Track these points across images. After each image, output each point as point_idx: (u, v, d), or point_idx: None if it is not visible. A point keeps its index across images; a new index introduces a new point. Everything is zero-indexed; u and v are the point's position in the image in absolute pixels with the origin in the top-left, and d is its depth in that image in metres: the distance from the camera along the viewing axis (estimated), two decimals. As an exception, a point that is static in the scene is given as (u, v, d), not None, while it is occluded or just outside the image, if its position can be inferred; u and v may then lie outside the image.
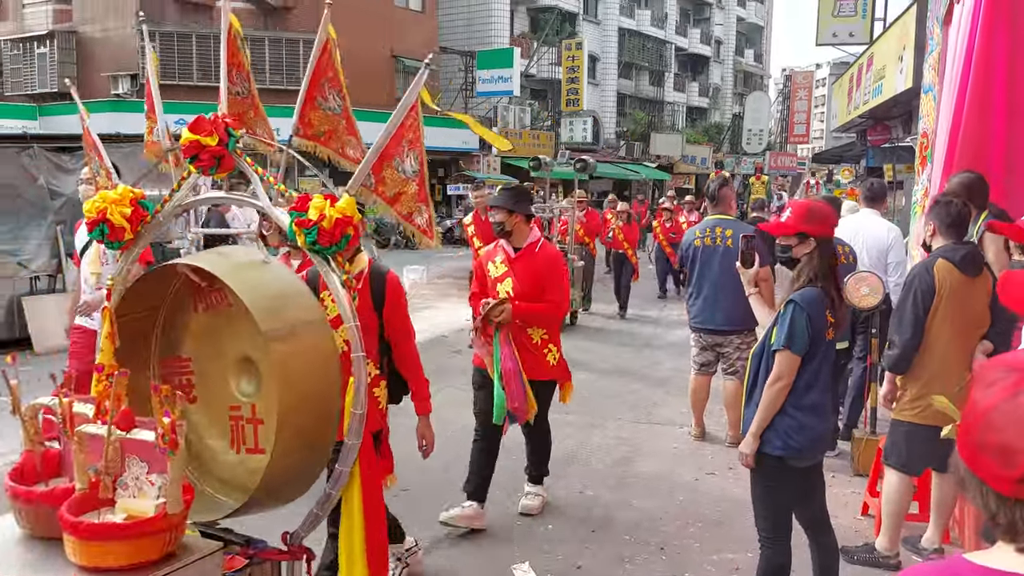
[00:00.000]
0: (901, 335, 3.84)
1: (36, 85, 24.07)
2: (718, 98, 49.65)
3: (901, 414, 3.96)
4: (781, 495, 3.26)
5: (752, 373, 3.29)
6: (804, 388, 3.15)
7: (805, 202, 3.44)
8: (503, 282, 4.42)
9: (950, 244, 3.85)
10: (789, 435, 3.14)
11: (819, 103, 68.42)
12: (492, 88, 27.27)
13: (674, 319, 11.67)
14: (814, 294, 3.13)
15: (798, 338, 3.10)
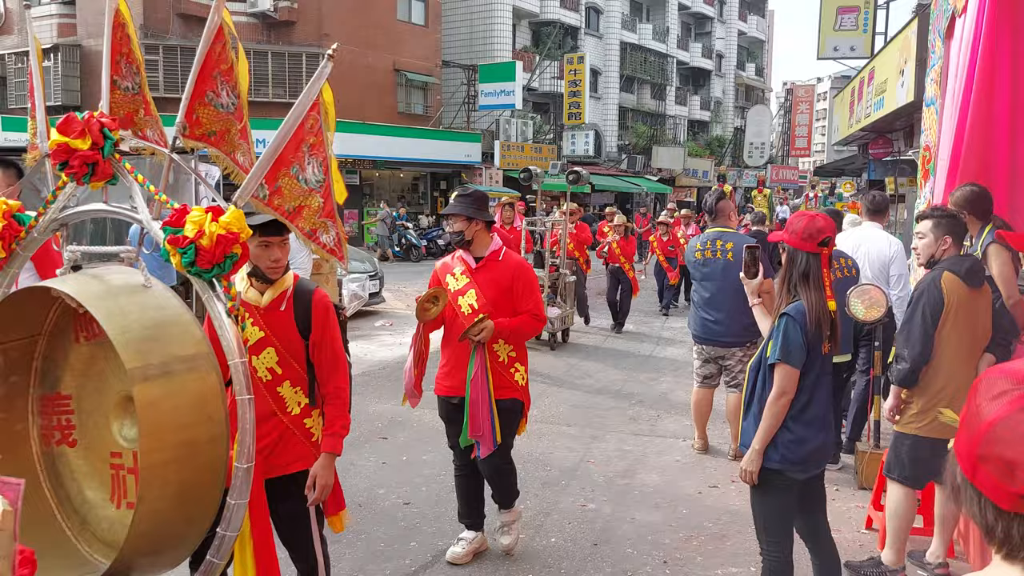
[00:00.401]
0: (911, 350, 3.82)
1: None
2: (720, 111, 49.77)
3: (906, 427, 3.94)
4: (781, 507, 3.25)
5: (749, 385, 3.29)
6: (801, 401, 3.16)
7: (794, 214, 3.45)
8: (465, 295, 4.06)
9: (954, 256, 3.84)
10: (787, 448, 3.15)
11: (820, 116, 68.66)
12: (494, 101, 27.37)
13: (674, 333, 11.66)
14: (804, 307, 3.14)
15: (794, 351, 3.10)
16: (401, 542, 4.45)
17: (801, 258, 3.20)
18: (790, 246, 3.23)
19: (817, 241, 3.17)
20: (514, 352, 4.12)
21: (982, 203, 4.11)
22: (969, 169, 4.29)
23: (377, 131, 24.16)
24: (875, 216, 6.06)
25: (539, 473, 5.61)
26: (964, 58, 4.36)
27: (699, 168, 42.50)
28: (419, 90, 27.95)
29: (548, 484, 5.42)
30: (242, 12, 23.26)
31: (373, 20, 24.96)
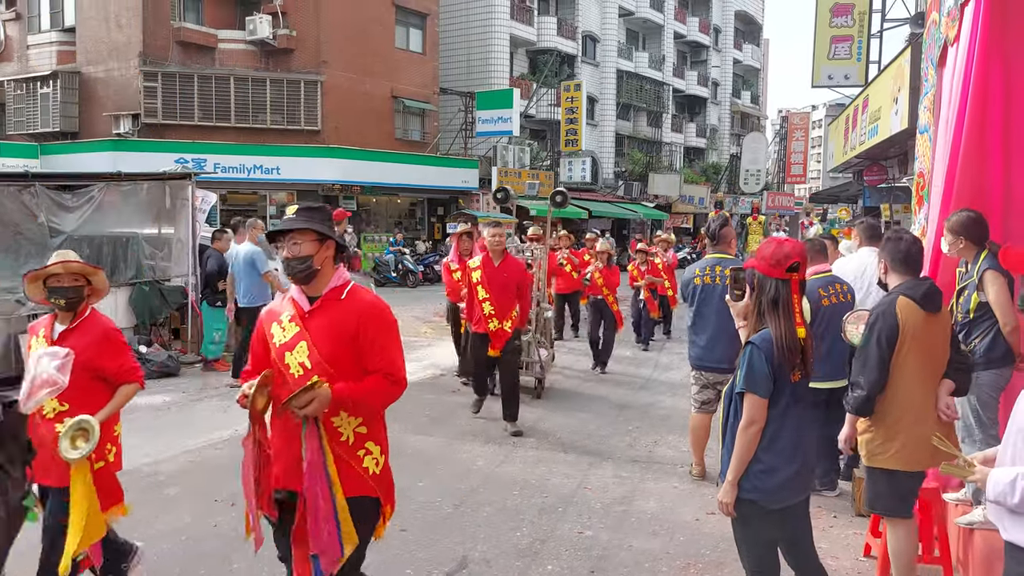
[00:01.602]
0: (866, 376, 3.73)
1: (39, 125, 24.28)
2: (715, 139, 50.09)
3: (875, 461, 3.84)
4: (761, 537, 3.22)
5: (724, 414, 3.26)
6: (771, 430, 3.11)
7: (764, 240, 3.42)
8: (293, 350, 2.98)
9: (909, 280, 3.79)
10: (758, 478, 3.11)
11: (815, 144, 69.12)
12: (491, 128, 27.53)
13: (672, 358, 11.63)
14: (771, 335, 3.11)
15: (759, 380, 3.07)
16: (396, 569, 4.40)
17: (770, 285, 3.16)
18: (759, 272, 3.21)
19: (785, 267, 3.14)
20: (364, 428, 3.02)
21: (978, 228, 4.11)
22: (963, 195, 4.31)
23: (375, 157, 24.25)
24: (873, 241, 6.07)
25: (536, 499, 5.57)
26: (957, 86, 4.40)
27: (695, 195, 42.68)
28: (416, 116, 28.10)
29: (545, 511, 5.37)
30: (241, 40, 23.45)
31: (371, 48, 25.15)
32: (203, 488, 5.70)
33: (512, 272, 7.43)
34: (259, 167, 22.69)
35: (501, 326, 7.28)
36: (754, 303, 3.21)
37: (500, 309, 7.30)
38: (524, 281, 7.54)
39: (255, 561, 4.42)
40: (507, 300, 7.34)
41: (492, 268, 7.38)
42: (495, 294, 7.30)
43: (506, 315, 7.31)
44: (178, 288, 10.85)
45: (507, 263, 7.44)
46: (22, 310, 9.16)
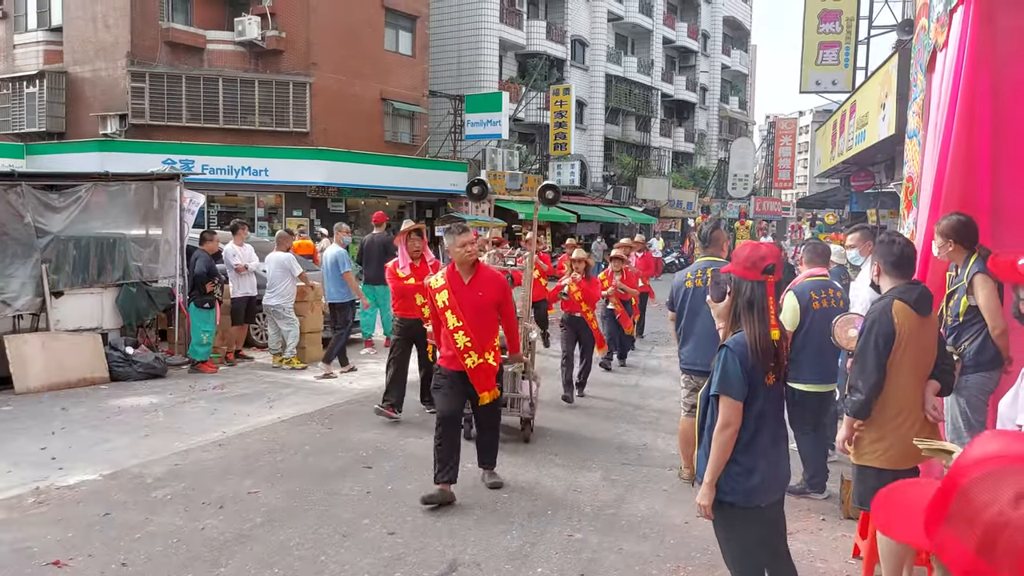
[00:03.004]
0: (865, 380, 3.76)
1: (25, 124, 24.11)
2: (704, 144, 50.31)
3: (864, 459, 3.88)
4: (743, 538, 3.24)
5: (700, 416, 3.28)
6: (748, 432, 3.14)
7: (740, 244, 3.45)
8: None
9: (903, 284, 3.81)
10: (736, 480, 3.13)
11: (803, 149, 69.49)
12: (480, 131, 27.54)
13: (660, 362, 11.65)
14: (746, 339, 3.13)
15: (733, 383, 3.09)
16: (385, 572, 4.39)
17: (745, 287, 3.19)
18: (735, 275, 3.23)
19: (760, 269, 3.17)
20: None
21: (968, 232, 4.14)
22: (952, 200, 4.34)
23: (364, 159, 24.19)
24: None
25: (525, 502, 5.56)
26: (946, 91, 4.43)
27: (683, 199, 42.85)
28: (406, 119, 28.07)
29: (534, 514, 5.36)
30: (230, 41, 23.35)
31: (361, 50, 25.11)
32: (191, 491, 5.66)
33: (489, 288, 5.67)
34: (247, 168, 22.59)
35: (484, 360, 5.59)
36: (730, 305, 3.23)
37: (479, 338, 5.55)
38: (506, 296, 5.77)
39: (243, 564, 4.41)
40: (487, 325, 5.63)
41: (462, 287, 5.61)
42: (470, 319, 5.54)
43: (488, 344, 5.62)
44: (165, 289, 10.78)
45: (481, 278, 5.68)
46: (8, 311, 9.09)
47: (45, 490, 5.63)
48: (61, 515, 5.15)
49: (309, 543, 4.72)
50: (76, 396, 8.68)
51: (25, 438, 6.99)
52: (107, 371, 9.52)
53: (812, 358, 5.53)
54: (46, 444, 6.79)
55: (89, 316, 9.95)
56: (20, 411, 8.00)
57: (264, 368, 10.59)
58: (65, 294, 9.68)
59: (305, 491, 5.66)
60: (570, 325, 8.97)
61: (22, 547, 4.61)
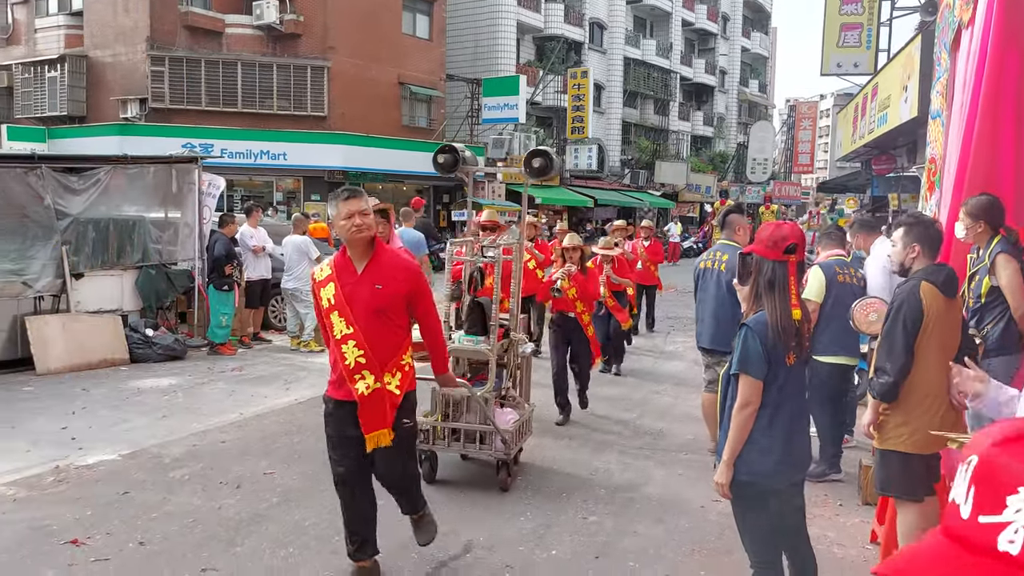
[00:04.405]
0: (893, 362, 3.72)
1: (46, 108, 24.29)
2: (723, 127, 49.90)
3: (888, 443, 3.83)
4: (761, 520, 3.21)
5: (721, 395, 3.26)
6: (768, 412, 3.12)
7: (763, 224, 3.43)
8: None
9: (930, 266, 3.77)
10: (755, 460, 3.11)
11: (823, 133, 68.83)
12: (497, 115, 27.43)
13: (677, 346, 11.60)
14: (766, 318, 3.11)
15: (753, 362, 3.08)
16: (401, 553, 4.40)
17: (767, 267, 3.17)
18: (756, 255, 3.21)
19: (782, 249, 3.15)
20: None
21: (997, 213, 4.07)
22: (976, 181, 4.27)
23: (381, 144, 24.19)
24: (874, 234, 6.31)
25: (540, 486, 5.56)
26: (971, 70, 4.34)
27: (702, 183, 42.57)
28: (423, 103, 28.02)
29: (549, 498, 5.36)
30: (248, 24, 23.37)
31: (378, 34, 25.05)
32: (209, 471, 5.70)
33: (392, 279, 3.90)
34: (266, 152, 22.67)
35: (382, 384, 3.84)
36: (752, 285, 3.21)
37: (377, 352, 3.84)
38: (419, 289, 3.99)
39: (259, 544, 4.44)
40: (388, 333, 3.89)
41: (353, 278, 3.89)
42: (364, 323, 3.83)
43: (390, 361, 3.89)
44: (184, 272, 10.85)
45: (380, 264, 3.91)
46: (29, 292, 9.18)
47: (64, 469, 5.69)
48: (80, 494, 5.20)
49: (324, 523, 4.74)
50: (96, 377, 8.77)
51: (45, 418, 7.07)
52: (127, 352, 9.60)
53: (836, 331, 5.56)
54: (66, 424, 6.87)
55: (109, 298, 10.03)
56: (41, 391, 8.09)
57: (282, 351, 10.66)
58: (85, 276, 9.77)
59: (320, 472, 5.68)
60: (561, 328, 7.34)
61: (41, 525, 4.66)
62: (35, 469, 5.67)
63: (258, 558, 4.28)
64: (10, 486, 5.32)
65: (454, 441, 5.51)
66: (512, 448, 5.45)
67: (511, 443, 5.42)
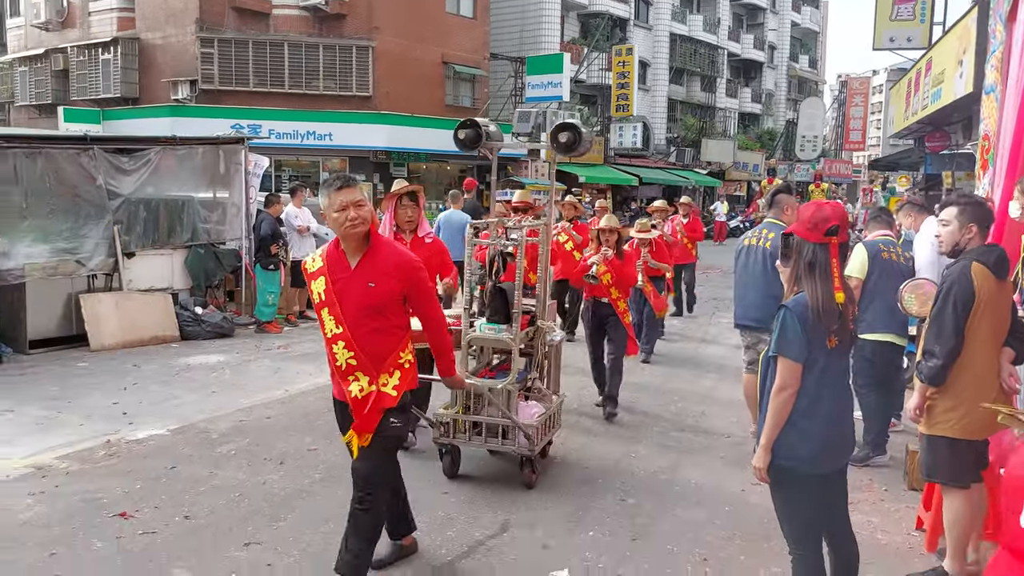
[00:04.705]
0: (943, 345, 3.63)
1: (101, 90, 24.78)
2: (771, 104, 48.93)
3: (935, 428, 3.76)
4: (800, 506, 3.17)
5: (761, 377, 3.21)
6: (808, 396, 3.05)
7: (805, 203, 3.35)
8: None
9: (981, 247, 3.68)
10: (794, 444, 3.06)
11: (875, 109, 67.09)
12: (541, 94, 27.22)
13: (720, 329, 11.48)
14: (807, 299, 3.05)
15: (792, 344, 3.02)
16: (437, 531, 4.45)
17: (807, 249, 3.10)
18: (797, 236, 3.14)
19: (823, 231, 3.07)
20: None
21: None
22: (1032, 159, 4.12)
23: (425, 123, 24.22)
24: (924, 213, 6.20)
25: (577, 468, 5.56)
26: (1028, 43, 4.18)
27: (749, 161, 41.85)
28: (467, 82, 27.96)
29: (587, 479, 5.36)
30: (294, 5, 23.52)
31: (422, 13, 25.02)
32: (254, 447, 5.82)
33: (386, 276, 3.59)
34: (312, 133, 22.88)
35: (377, 388, 3.58)
36: (792, 267, 3.15)
37: (369, 353, 3.57)
38: (418, 287, 3.69)
39: (302, 519, 4.53)
40: (382, 333, 3.61)
41: (345, 273, 3.60)
42: (354, 323, 3.56)
43: (384, 364, 3.61)
44: (232, 251, 11.04)
45: (375, 259, 3.60)
46: (82, 271, 9.42)
47: (116, 443, 5.86)
48: (130, 467, 5.36)
49: (365, 500, 4.80)
50: (148, 353, 8.99)
51: (99, 393, 7.27)
52: (177, 330, 9.83)
53: (881, 308, 5.46)
54: (118, 399, 7.06)
55: (160, 276, 10.26)
56: (95, 367, 8.32)
57: (326, 329, 10.80)
58: (137, 255, 9.99)
59: (363, 450, 5.76)
60: (595, 315, 6.96)
61: (92, 498, 4.81)
62: (88, 443, 5.85)
63: (300, 533, 4.37)
64: (64, 459, 5.50)
65: (476, 435, 5.19)
66: (536, 444, 5.12)
67: (534, 438, 5.08)
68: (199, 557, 4.05)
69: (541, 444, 5.27)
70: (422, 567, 4.03)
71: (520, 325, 5.08)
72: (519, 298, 5.02)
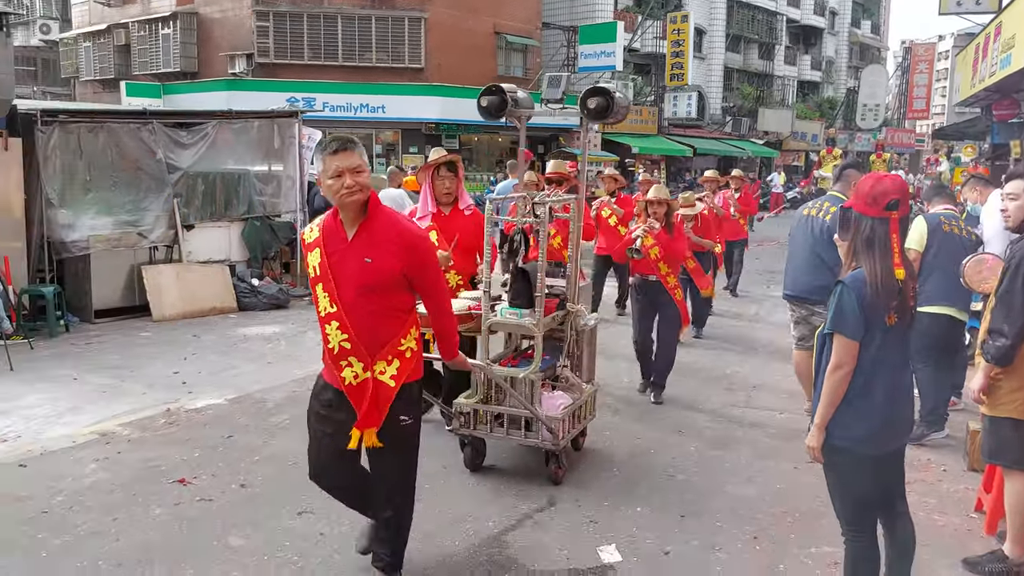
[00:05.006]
0: (1011, 324, 3.51)
1: (161, 65, 25.23)
2: (831, 72, 47.51)
3: (999, 410, 3.65)
4: (855, 486, 3.09)
5: (816, 355, 3.13)
6: (864, 374, 2.96)
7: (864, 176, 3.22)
8: None
9: None
10: (849, 424, 2.98)
11: (941, 76, 64.78)
12: (594, 63, 26.86)
13: (776, 302, 11.28)
14: (864, 275, 2.95)
15: (849, 321, 2.92)
16: (486, 501, 4.49)
17: (865, 224, 2.99)
18: (855, 211, 3.03)
19: (883, 205, 2.95)
20: None
21: None
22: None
23: (477, 95, 24.03)
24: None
25: (626, 443, 5.54)
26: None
27: (808, 131, 40.82)
28: (519, 53, 27.73)
29: (636, 454, 5.35)
30: (347, -23, 23.55)
31: (474, -18, 24.84)
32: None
33: (385, 251, 3.22)
34: (365, 106, 22.99)
35: (373, 374, 3.25)
36: (850, 242, 3.05)
37: (365, 337, 3.23)
38: (423, 264, 3.31)
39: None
40: (381, 315, 3.25)
41: (342, 245, 3.27)
42: (349, 303, 3.22)
43: (382, 348, 3.25)
44: (287, 223, 11.22)
45: (373, 231, 3.26)
46: (144, 242, 9.67)
47: (175, 412, 6.04)
48: (188, 436, 5.52)
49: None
50: (207, 324, 9.22)
51: (160, 362, 7.49)
52: (235, 301, 10.06)
53: (939, 281, 5.29)
54: (178, 368, 7.26)
55: (218, 248, 10.50)
56: (157, 337, 8.57)
57: (379, 301, 10.93)
58: (195, 227, 10.22)
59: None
60: (644, 293, 6.52)
61: (152, 465, 4.97)
62: (149, 411, 6.04)
63: (352, 503, 4.45)
64: (126, 427, 5.69)
65: (498, 426, 4.82)
66: (560, 438, 4.72)
67: (558, 432, 4.69)
68: (254, 525, 4.16)
69: (568, 438, 4.88)
70: (469, 536, 4.07)
71: (545, 309, 4.68)
72: (542, 279, 4.58)
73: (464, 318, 4.61)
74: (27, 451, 5.19)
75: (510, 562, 3.85)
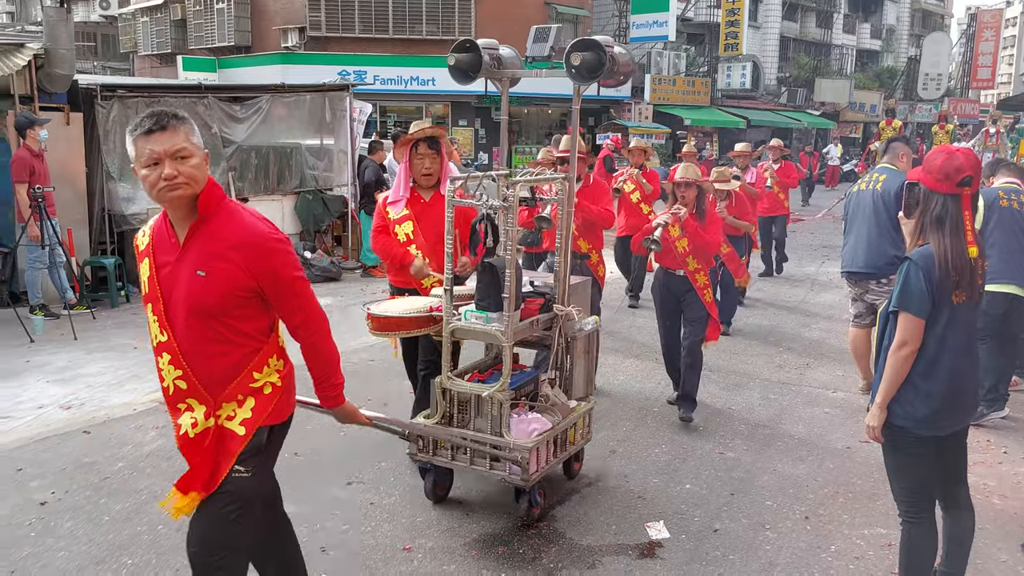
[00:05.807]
0: None
1: (216, 39, 25.56)
2: (892, 40, 45.98)
3: None
4: (914, 468, 3.03)
5: (879, 333, 3.06)
6: (929, 353, 2.89)
7: (932, 150, 3.11)
8: None
9: None
10: (912, 404, 2.91)
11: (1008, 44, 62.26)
12: (646, 33, 26.45)
13: (831, 277, 11.07)
14: (933, 252, 2.86)
15: (915, 299, 2.85)
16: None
17: (936, 200, 2.90)
18: (925, 187, 2.93)
19: (956, 181, 2.85)
20: None
21: None
22: None
23: (526, 67, 23.90)
24: None
25: (675, 418, 5.51)
26: None
27: (866, 102, 39.64)
28: (570, 23, 27.39)
29: (685, 429, 5.32)
30: (398, -51, 23.49)
31: (525, -47, 24.58)
32: (358, 388, 6.00)
33: (223, 263, 2.44)
34: (415, 78, 23.01)
35: (217, 422, 2.54)
36: (917, 218, 2.96)
37: (199, 371, 2.51)
38: (275, 280, 2.54)
39: (403, 460, 4.67)
40: (219, 350, 2.50)
41: (173, 253, 2.51)
42: (180, 331, 2.51)
43: (220, 387, 2.52)
44: (339, 197, 11.33)
45: (208, 236, 2.48)
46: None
47: (232, 382, 6.16)
48: (245, 405, 5.63)
49: (465, 444, 4.91)
50: (260, 296, 9.37)
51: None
52: (287, 273, 10.20)
53: (1000, 257, 5.13)
54: (233, 340, 7.40)
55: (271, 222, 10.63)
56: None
57: (428, 274, 11.01)
58: (249, 200, 10.37)
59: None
60: (667, 290, 5.55)
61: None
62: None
63: (401, 474, 4.52)
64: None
65: (460, 453, 3.92)
66: (530, 473, 3.73)
67: (527, 466, 3.69)
68: (305, 493, 4.24)
69: (541, 473, 3.86)
70: (513, 510, 4.10)
71: (525, 312, 3.98)
72: (512, 277, 3.69)
73: (424, 321, 3.94)
74: (91, 418, 5.37)
75: (557, 536, 3.88)
